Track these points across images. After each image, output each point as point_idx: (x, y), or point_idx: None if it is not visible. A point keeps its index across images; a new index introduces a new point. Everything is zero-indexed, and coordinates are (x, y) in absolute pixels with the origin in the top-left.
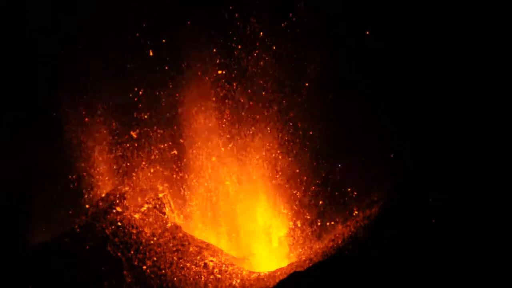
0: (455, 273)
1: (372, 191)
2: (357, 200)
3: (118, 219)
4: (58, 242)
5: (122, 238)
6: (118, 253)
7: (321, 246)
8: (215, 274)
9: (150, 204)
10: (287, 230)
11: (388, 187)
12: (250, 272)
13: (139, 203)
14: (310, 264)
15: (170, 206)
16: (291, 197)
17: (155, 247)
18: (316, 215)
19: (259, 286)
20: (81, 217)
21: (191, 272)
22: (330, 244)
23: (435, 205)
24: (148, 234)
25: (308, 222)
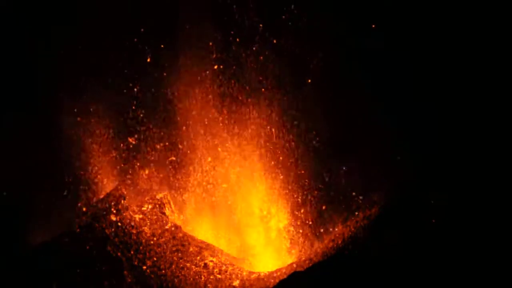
0: (455, 273)
1: (372, 191)
2: (357, 200)
3: (118, 219)
4: (58, 242)
5: (122, 238)
6: (118, 253)
7: (321, 246)
8: (215, 274)
9: (150, 204)
10: (287, 230)
11: (388, 187)
12: (250, 272)
13: (139, 203)
14: (310, 264)
15: (170, 206)
16: (291, 197)
17: (155, 247)
18: (316, 215)
19: (259, 286)
20: (81, 217)
21: (191, 272)
22: (330, 244)
23: (435, 205)
24: (148, 234)
25: (308, 222)
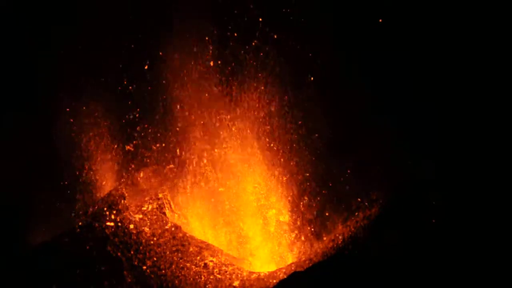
0: (455, 273)
1: (372, 191)
2: (357, 200)
3: (118, 219)
4: (58, 242)
5: (122, 238)
6: (118, 253)
7: (321, 246)
8: (215, 274)
9: (150, 204)
10: (287, 230)
11: (388, 187)
12: (250, 272)
13: (139, 203)
14: (310, 264)
15: (170, 206)
16: (292, 196)
17: (155, 247)
18: (316, 215)
19: (259, 286)
20: (81, 217)
21: (191, 272)
22: (330, 244)
23: (435, 205)
24: (148, 234)
25: (308, 221)
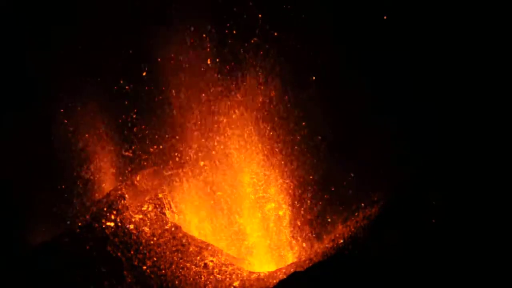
0: (455, 273)
1: (372, 191)
2: (357, 200)
3: (118, 219)
4: (58, 242)
5: (122, 238)
6: (118, 253)
7: (321, 246)
8: (215, 274)
9: (150, 204)
10: (287, 230)
11: (388, 187)
12: (250, 272)
13: (139, 203)
14: (310, 264)
15: (170, 206)
16: (292, 197)
17: (155, 247)
18: (316, 215)
19: (259, 286)
20: (81, 217)
21: (191, 272)
22: (330, 244)
23: (435, 205)
24: (148, 234)
25: (308, 222)
